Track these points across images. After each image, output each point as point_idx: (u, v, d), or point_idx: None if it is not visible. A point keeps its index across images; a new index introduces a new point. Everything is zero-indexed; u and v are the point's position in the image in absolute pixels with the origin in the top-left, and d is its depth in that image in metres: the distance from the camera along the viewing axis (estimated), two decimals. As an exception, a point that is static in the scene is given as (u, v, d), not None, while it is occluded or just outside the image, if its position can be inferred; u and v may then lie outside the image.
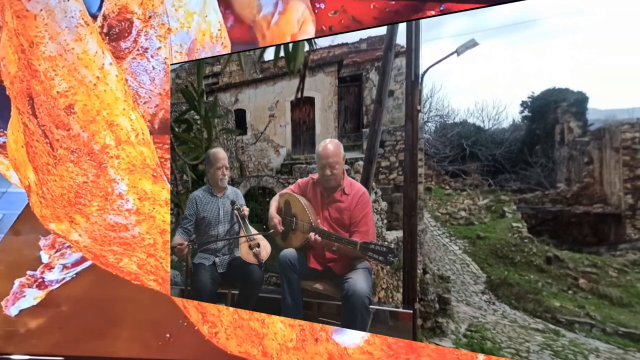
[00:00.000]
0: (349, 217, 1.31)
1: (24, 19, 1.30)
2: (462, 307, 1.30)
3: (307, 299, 1.38)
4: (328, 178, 1.29)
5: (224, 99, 1.45)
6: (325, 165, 1.29)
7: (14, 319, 1.50)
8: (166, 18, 1.47)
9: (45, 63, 1.35)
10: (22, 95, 1.39)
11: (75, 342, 1.41)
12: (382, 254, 1.25)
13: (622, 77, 0.97)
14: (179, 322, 1.55)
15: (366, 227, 1.29)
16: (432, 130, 1.14)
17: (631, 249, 1.09)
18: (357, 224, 1.30)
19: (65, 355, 1.40)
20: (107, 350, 1.39)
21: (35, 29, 1.32)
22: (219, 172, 1.53)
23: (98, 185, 1.42)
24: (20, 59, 1.35)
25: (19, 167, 1.62)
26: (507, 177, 1.10)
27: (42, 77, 1.35)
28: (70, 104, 1.38)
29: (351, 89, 1.26)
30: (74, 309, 1.59)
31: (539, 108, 1.06)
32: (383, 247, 1.25)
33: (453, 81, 1.09)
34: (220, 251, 1.57)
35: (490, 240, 1.23)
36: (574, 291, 1.15)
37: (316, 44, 1.24)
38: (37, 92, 1.37)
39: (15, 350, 1.39)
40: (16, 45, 1.34)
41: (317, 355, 1.32)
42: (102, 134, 1.39)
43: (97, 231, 1.48)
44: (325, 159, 1.29)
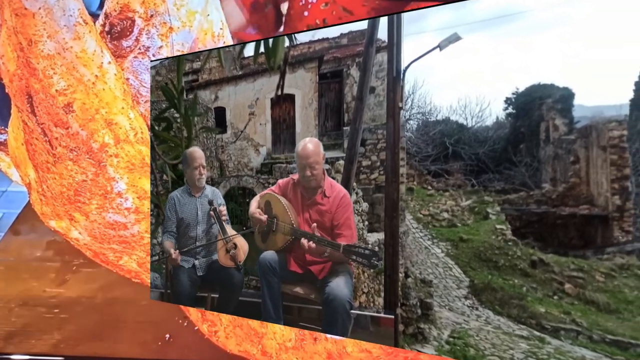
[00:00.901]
0: (330, 220, 1.25)
1: (22, 17, 1.28)
2: (444, 312, 1.23)
3: (287, 303, 1.33)
4: (308, 178, 1.24)
5: (204, 97, 1.39)
6: (305, 166, 1.24)
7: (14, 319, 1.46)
8: (168, 17, 1.44)
9: (43, 61, 1.32)
10: (21, 93, 1.37)
11: (75, 342, 1.40)
12: (365, 257, 1.20)
13: (609, 72, 0.90)
14: (178, 321, 1.53)
15: (350, 231, 1.24)
16: (414, 128, 1.07)
17: (619, 253, 1.02)
18: (340, 226, 1.25)
19: (65, 355, 1.38)
20: (106, 350, 1.38)
21: (34, 27, 1.29)
22: (196, 172, 1.47)
23: (97, 184, 1.40)
24: (19, 57, 1.33)
25: (20, 165, 1.60)
26: (490, 177, 1.03)
27: (41, 75, 1.32)
28: (69, 103, 1.35)
29: (332, 86, 1.20)
30: (74, 308, 1.59)
31: (524, 105, 0.99)
32: (367, 250, 1.19)
33: (435, 77, 1.02)
34: (199, 253, 1.51)
35: (474, 242, 1.16)
36: (560, 296, 1.07)
37: (296, 39, 1.17)
38: (36, 90, 1.34)
39: (15, 350, 1.37)
40: (15, 43, 1.31)
41: (316, 355, 1.30)
42: (100, 132, 1.36)
43: (97, 229, 1.46)
44: (305, 159, 1.24)
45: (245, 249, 1.43)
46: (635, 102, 0.91)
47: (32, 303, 1.56)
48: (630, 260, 1.07)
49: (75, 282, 1.71)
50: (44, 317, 1.54)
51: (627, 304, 1.05)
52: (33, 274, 1.74)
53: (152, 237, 1.62)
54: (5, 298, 1.61)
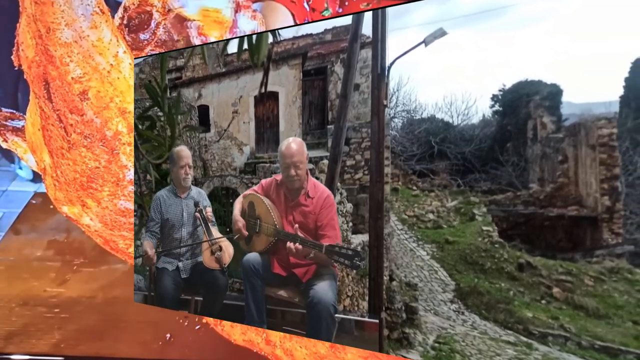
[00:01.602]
0: (314, 221, 1.21)
1: (42, 5, 1.28)
2: (430, 316, 1.17)
3: (270, 307, 1.28)
4: (292, 178, 1.20)
5: (187, 95, 1.35)
6: (289, 165, 1.20)
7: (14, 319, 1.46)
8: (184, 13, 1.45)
9: (61, 49, 1.32)
10: (38, 80, 1.37)
11: (76, 342, 1.39)
12: (348, 257, 1.14)
13: (598, 68, 0.85)
14: (179, 321, 1.53)
15: (334, 231, 1.20)
16: (399, 126, 1.01)
17: (608, 256, 0.96)
18: (324, 227, 1.20)
19: (65, 355, 1.35)
20: (107, 350, 1.37)
21: (53, 15, 1.28)
22: (182, 171, 1.42)
23: (110, 171, 1.40)
24: (38, 44, 1.33)
25: (36, 150, 1.60)
26: (477, 176, 0.98)
27: (58, 62, 1.32)
28: (84, 90, 1.35)
29: (316, 83, 1.15)
30: (75, 308, 1.57)
31: (510, 102, 0.94)
32: (349, 250, 1.14)
33: (421, 74, 0.97)
34: (183, 255, 1.46)
35: (460, 245, 1.10)
36: (548, 301, 1.02)
37: (280, 35, 1.12)
38: (53, 77, 1.34)
39: (15, 350, 1.35)
40: (34, 30, 1.32)
41: (320, 343, 1.27)
42: (114, 120, 1.37)
43: (108, 216, 1.46)
44: (289, 158, 1.19)
45: (231, 251, 1.38)
46: (625, 99, 0.86)
47: (32, 303, 1.54)
48: (620, 264, 1.01)
49: (75, 281, 1.70)
50: (44, 317, 1.52)
51: (616, 309, 0.99)
52: (33, 273, 1.72)
53: (135, 239, 1.57)
54: (5, 298, 1.58)
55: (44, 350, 1.36)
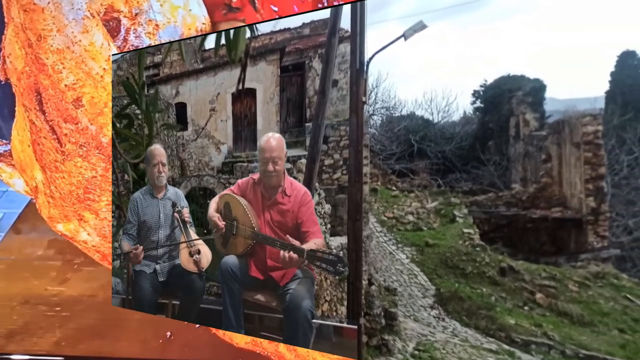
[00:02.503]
0: (292, 220, 1.14)
1: (31, 13, 1.25)
2: (409, 323, 1.10)
3: (248, 311, 1.20)
4: (270, 174, 1.13)
5: (165, 92, 1.29)
6: (268, 160, 1.13)
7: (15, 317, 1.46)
8: (152, 13, 1.40)
9: (53, 56, 1.28)
10: (29, 91, 1.33)
11: (76, 340, 1.37)
12: (331, 263, 1.06)
13: (583, 61, 0.78)
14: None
15: (316, 226, 1.13)
16: (378, 124, 0.95)
17: (593, 260, 0.90)
18: (305, 223, 1.14)
19: (65, 355, 1.32)
20: (108, 348, 1.34)
21: (43, 22, 1.25)
22: (155, 170, 1.35)
23: (107, 179, 1.36)
24: (28, 53, 1.29)
25: (25, 169, 1.54)
26: (457, 176, 0.91)
27: (50, 70, 1.29)
28: (78, 97, 1.31)
29: (293, 79, 1.09)
30: (75, 307, 1.54)
31: (492, 98, 0.87)
32: (331, 255, 1.06)
33: (400, 69, 0.91)
34: (161, 258, 1.38)
35: (440, 248, 1.03)
36: (531, 307, 0.95)
37: (258, 30, 1.05)
38: (45, 87, 1.31)
39: (16, 349, 1.33)
40: (23, 40, 1.28)
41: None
42: (109, 126, 1.33)
43: (107, 227, 1.41)
44: (269, 153, 1.13)
45: (209, 256, 1.32)
46: (611, 95, 0.80)
47: (33, 301, 1.53)
48: (606, 268, 0.95)
49: (76, 280, 1.67)
50: (45, 316, 1.49)
51: (602, 316, 0.92)
52: (34, 272, 1.70)
53: (113, 241, 1.49)
54: (7, 296, 1.56)
55: (45, 348, 1.33)
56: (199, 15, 1.42)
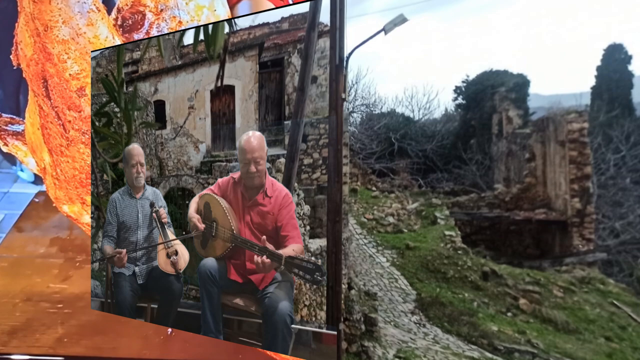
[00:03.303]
0: (272, 222, 1.09)
1: (39, 4, 1.26)
2: (390, 329, 1.04)
3: (226, 316, 1.14)
4: (252, 175, 1.08)
5: (144, 89, 1.24)
6: (250, 161, 1.08)
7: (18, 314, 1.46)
8: (177, 11, 1.40)
9: (58, 46, 1.29)
10: (37, 78, 1.35)
11: (78, 337, 1.35)
12: (308, 271, 1.01)
13: (568, 56, 0.72)
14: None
15: (296, 231, 1.08)
16: (358, 122, 0.89)
17: (578, 264, 0.83)
18: (285, 227, 1.08)
19: (65, 355, 1.29)
20: (109, 344, 1.32)
21: (50, 13, 1.26)
22: (134, 170, 1.31)
23: None
24: (36, 42, 1.31)
25: (36, 150, 1.58)
26: (439, 176, 0.85)
27: (56, 59, 1.29)
28: (81, 87, 1.33)
29: (272, 76, 1.04)
30: (77, 304, 1.52)
31: (474, 94, 0.82)
32: (310, 263, 1.00)
33: (381, 64, 0.85)
34: (139, 260, 1.33)
35: (421, 251, 0.97)
36: (514, 313, 0.89)
37: (236, 25, 0.99)
38: (51, 75, 1.31)
39: (18, 345, 1.31)
40: (32, 29, 1.30)
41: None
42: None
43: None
44: (250, 154, 1.08)
45: (187, 257, 1.26)
46: (596, 90, 0.74)
47: (35, 299, 1.52)
48: (592, 273, 0.88)
49: (78, 278, 1.66)
50: (47, 312, 1.48)
51: (588, 323, 0.86)
52: (37, 270, 1.70)
53: (92, 242, 1.43)
54: (9, 294, 1.55)
55: (48, 345, 1.30)
56: (223, 15, 1.44)
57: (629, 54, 0.75)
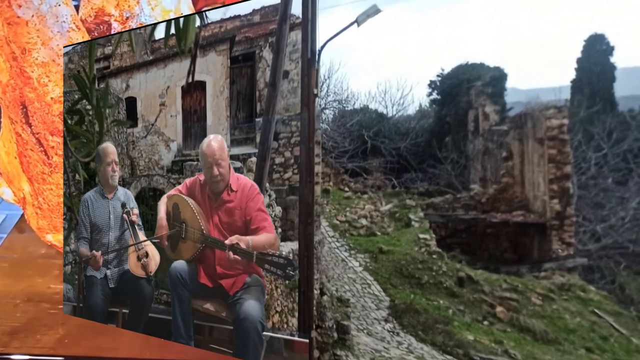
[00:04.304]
0: (241, 218, 1.04)
1: (15, 26, 1.21)
2: (362, 337, 0.97)
3: (197, 322, 1.08)
4: (216, 179, 1.04)
5: (115, 86, 1.19)
6: (212, 164, 1.03)
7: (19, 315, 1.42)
8: (144, 17, 1.35)
9: (38, 69, 1.24)
10: (15, 104, 1.29)
11: (79, 337, 1.29)
12: (280, 266, 0.96)
13: (547, 48, 0.65)
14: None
15: (267, 221, 1.02)
16: (330, 118, 0.82)
17: (558, 270, 0.76)
18: (255, 219, 1.03)
19: (65, 355, 1.23)
20: (109, 344, 1.26)
21: (27, 36, 1.22)
22: (109, 169, 1.25)
23: None
24: (12, 66, 1.25)
25: (12, 180, 1.50)
26: (413, 176, 0.78)
27: (36, 83, 1.25)
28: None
29: (244, 71, 0.98)
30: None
31: (450, 89, 0.75)
32: (281, 258, 0.97)
33: (353, 57, 0.78)
34: (111, 263, 1.27)
35: (394, 255, 0.90)
36: (491, 322, 0.81)
37: (207, 18, 0.93)
38: (31, 100, 1.27)
39: (19, 345, 1.25)
40: (7, 53, 1.24)
41: None
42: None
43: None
44: (211, 157, 1.03)
45: (157, 259, 1.20)
46: (577, 84, 0.68)
47: (36, 299, 1.48)
48: (572, 279, 0.81)
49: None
50: (48, 313, 1.43)
51: (567, 333, 0.78)
52: (37, 270, 1.65)
53: (64, 244, 1.37)
54: (10, 294, 1.50)
55: (49, 345, 1.25)
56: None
57: (611, 44, 0.69)
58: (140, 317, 1.20)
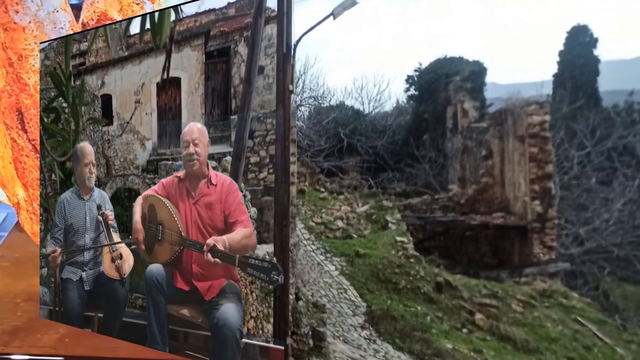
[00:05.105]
0: (221, 212, 1.00)
1: (12, 32, 1.19)
2: (339, 344, 0.91)
3: (173, 327, 1.03)
4: (192, 157, 0.99)
5: (91, 83, 1.17)
6: (189, 143, 0.99)
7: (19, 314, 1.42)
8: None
9: (34, 76, 1.22)
10: (10, 110, 1.27)
11: (79, 336, 1.26)
12: (264, 271, 0.90)
13: (528, 40, 0.59)
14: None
15: (245, 215, 0.98)
16: (306, 115, 0.77)
17: (539, 275, 0.71)
18: (233, 213, 0.99)
19: (65, 355, 1.21)
20: (109, 343, 1.22)
21: (24, 42, 1.20)
22: (86, 170, 1.21)
23: None
24: (8, 72, 1.23)
25: (7, 185, 1.48)
26: (390, 175, 0.73)
27: (32, 90, 1.23)
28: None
29: (219, 66, 0.94)
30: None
31: (427, 84, 0.69)
32: (265, 262, 0.90)
33: (330, 52, 0.75)
34: (87, 265, 1.23)
35: (371, 258, 0.85)
36: (470, 330, 0.76)
37: (182, 12, 0.87)
38: (27, 106, 1.25)
39: (20, 344, 1.22)
40: (4, 59, 1.22)
41: None
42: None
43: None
44: (189, 135, 1.00)
45: (131, 262, 1.17)
46: (559, 78, 0.63)
47: (37, 298, 1.43)
48: (554, 285, 0.75)
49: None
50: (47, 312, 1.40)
51: (549, 342, 0.73)
52: (38, 270, 1.57)
53: (41, 246, 1.32)
54: (11, 293, 1.49)
55: (49, 344, 1.23)
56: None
57: (595, 36, 0.65)
58: (115, 321, 1.16)
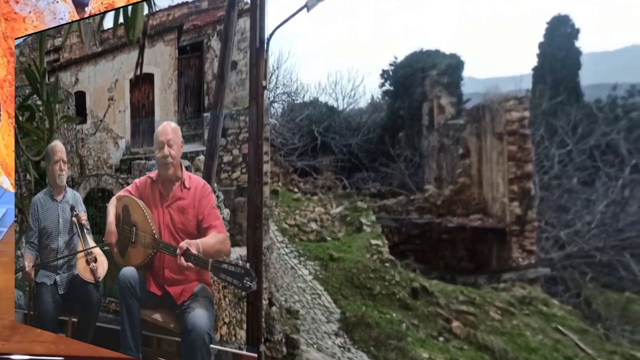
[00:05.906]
0: (194, 216, 0.97)
1: (12, 22, 1.17)
2: (312, 352, 0.86)
3: (146, 333, 1.00)
4: (165, 160, 0.95)
5: (65, 80, 1.10)
6: (163, 144, 0.95)
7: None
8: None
9: None
10: (12, 99, 1.24)
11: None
12: (237, 276, 0.87)
13: (506, 32, 0.54)
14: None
15: (219, 220, 0.96)
16: (279, 112, 0.72)
17: (518, 281, 0.65)
18: (207, 218, 0.96)
19: (65, 355, 1.18)
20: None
21: (24, 32, 1.16)
22: (57, 167, 1.16)
23: None
24: (10, 62, 1.20)
25: (11, 172, 1.46)
26: (364, 175, 0.67)
27: None
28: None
29: (192, 62, 0.89)
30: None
31: (403, 79, 0.64)
32: (238, 267, 0.87)
33: (303, 46, 0.68)
34: (60, 268, 1.19)
35: (345, 262, 0.79)
36: (446, 338, 0.70)
37: (155, 5, 0.82)
38: None
39: (20, 340, 1.20)
40: (5, 48, 1.20)
41: None
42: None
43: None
44: (164, 136, 0.96)
45: (105, 265, 1.13)
46: (539, 72, 0.58)
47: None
48: (534, 292, 0.70)
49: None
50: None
51: (529, 352, 0.67)
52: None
53: (15, 248, 1.28)
54: (11, 288, 1.43)
55: (49, 340, 1.20)
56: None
57: (576, 27, 0.60)
58: (89, 325, 1.12)
